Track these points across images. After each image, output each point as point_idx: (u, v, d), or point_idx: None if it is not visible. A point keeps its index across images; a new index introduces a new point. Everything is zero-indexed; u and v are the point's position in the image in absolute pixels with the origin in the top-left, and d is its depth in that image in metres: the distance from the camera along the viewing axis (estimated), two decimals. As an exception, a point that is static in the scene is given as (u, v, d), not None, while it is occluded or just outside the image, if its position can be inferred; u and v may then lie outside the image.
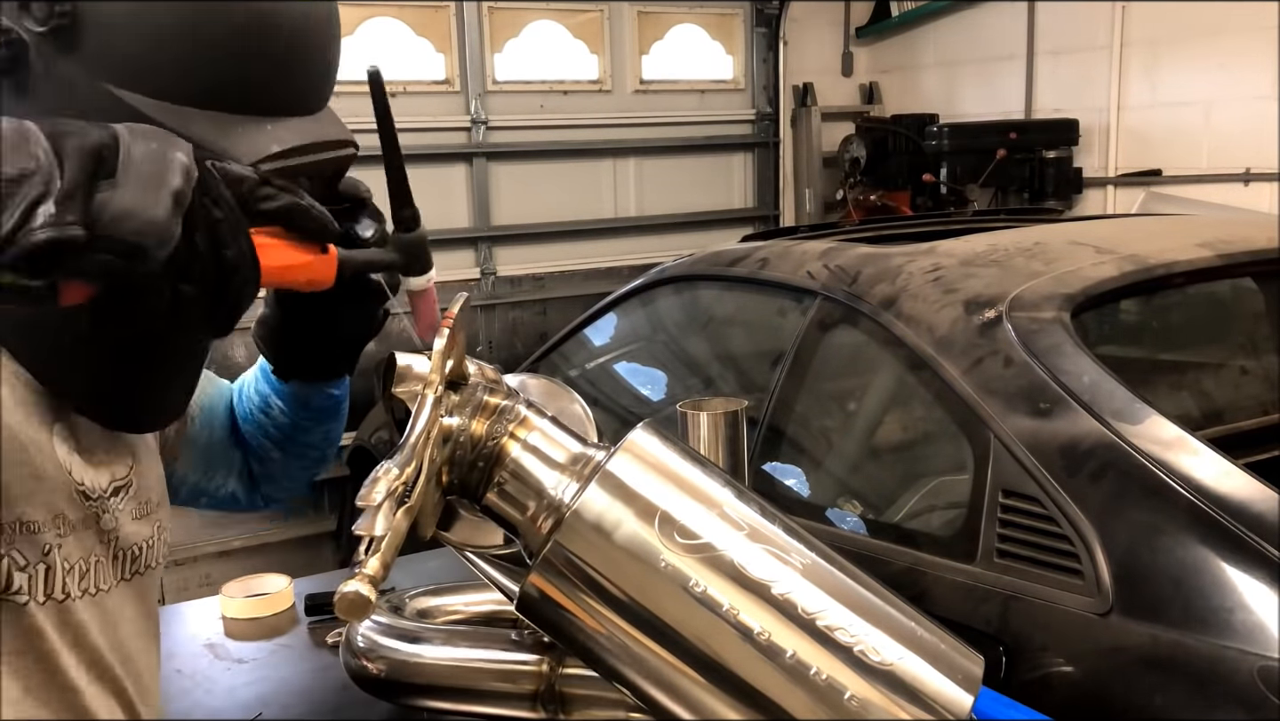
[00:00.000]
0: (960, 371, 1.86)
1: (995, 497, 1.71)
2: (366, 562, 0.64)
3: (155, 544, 0.94)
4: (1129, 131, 5.69)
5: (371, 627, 1.41)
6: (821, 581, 0.70)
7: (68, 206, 0.59)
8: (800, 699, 0.67)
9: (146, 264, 0.61)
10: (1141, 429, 1.64)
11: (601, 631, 0.70)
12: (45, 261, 0.58)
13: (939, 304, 2.00)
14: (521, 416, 0.77)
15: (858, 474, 2.30)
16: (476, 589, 1.52)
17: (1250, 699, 1.38)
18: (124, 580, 0.90)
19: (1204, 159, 5.35)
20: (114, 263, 0.60)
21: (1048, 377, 1.75)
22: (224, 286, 0.66)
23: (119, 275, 0.61)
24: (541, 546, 0.71)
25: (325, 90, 0.89)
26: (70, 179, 0.59)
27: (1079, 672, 1.58)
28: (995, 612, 1.66)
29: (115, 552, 0.88)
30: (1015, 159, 5.65)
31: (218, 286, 0.66)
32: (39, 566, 0.80)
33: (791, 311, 2.41)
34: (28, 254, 0.58)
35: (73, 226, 0.59)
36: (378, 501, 0.66)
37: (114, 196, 0.60)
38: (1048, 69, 6.04)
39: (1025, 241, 2.24)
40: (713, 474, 0.75)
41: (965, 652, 0.72)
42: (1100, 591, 1.54)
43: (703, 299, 2.91)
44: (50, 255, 0.58)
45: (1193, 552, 1.50)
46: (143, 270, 0.61)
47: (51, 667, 0.81)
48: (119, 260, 0.60)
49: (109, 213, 0.60)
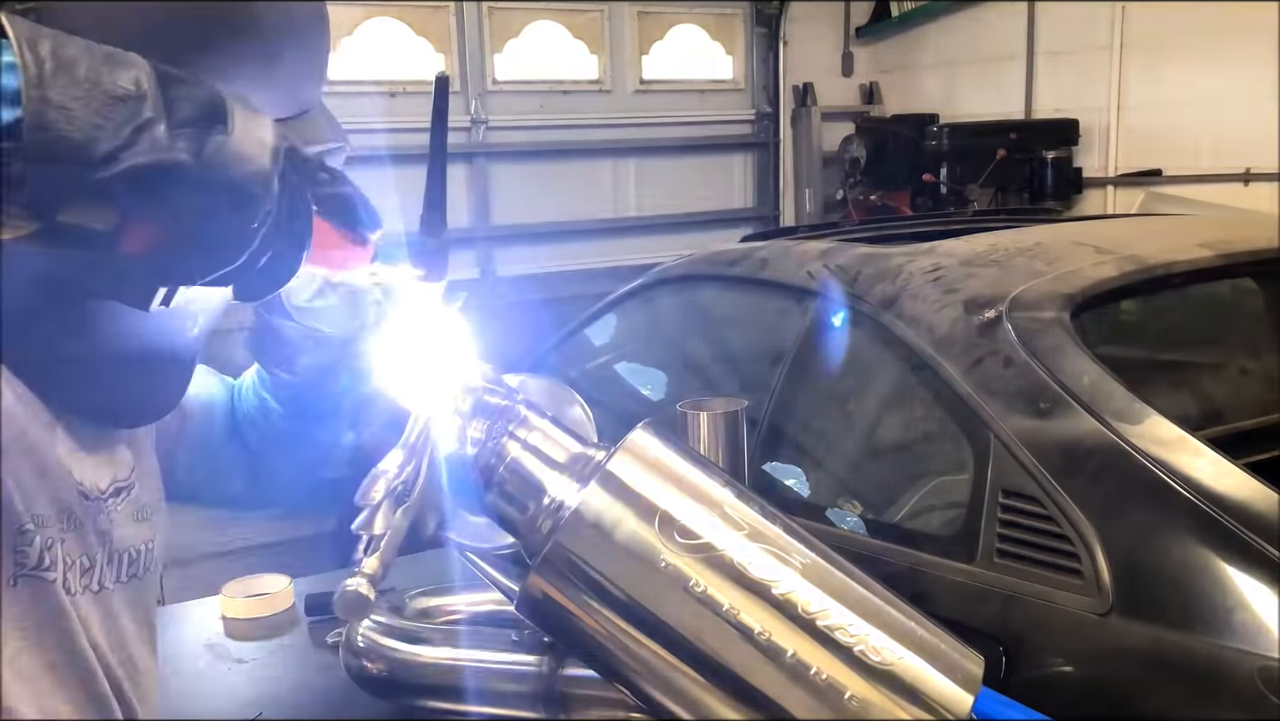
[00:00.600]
0: (960, 371, 1.86)
1: (995, 497, 1.71)
2: (366, 561, 0.64)
3: (153, 547, 0.94)
4: (1129, 131, 5.69)
5: (371, 627, 1.41)
6: (821, 581, 0.70)
7: (180, 135, 0.57)
8: (800, 699, 0.67)
9: (249, 210, 0.60)
10: (1141, 429, 1.64)
11: (601, 631, 0.70)
12: (142, 187, 0.56)
13: (939, 304, 2.00)
14: (521, 416, 0.77)
15: (858, 474, 2.29)
16: (476, 589, 1.52)
17: (1250, 699, 1.38)
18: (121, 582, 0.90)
19: (1204, 159, 5.35)
20: (218, 203, 0.59)
21: (1048, 378, 1.75)
22: (282, 254, 0.66)
23: (212, 218, 0.60)
24: (541, 546, 0.71)
25: (312, 90, 0.88)
26: (185, 114, 0.58)
27: (1079, 672, 1.58)
28: (995, 612, 1.66)
29: (112, 554, 0.88)
30: (1015, 159, 5.66)
31: (279, 252, 0.65)
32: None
33: (791, 311, 2.40)
34: (126, 176, 0.55)
35: (182, 153, 0.57)
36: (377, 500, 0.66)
37: (227, 141, 0.59)
38: (1048, 69, 6.04)
39: (1025, 241, 2.24)
40: (713, 474, 0.75)
41: (965, 652, 0.72)
42: (1100, 591, 1.54)
43: (703, 299, 2.90)
44: (149, 181, 0.56)
45: (1193, 552, 1.50)
46: (239, 218, 0.60)
47: (71, 647, 0.82)
48: (225, 200, 0.59)
49: (222, 155, 0.59)
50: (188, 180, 0.58)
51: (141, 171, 0.56)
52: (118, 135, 0.55)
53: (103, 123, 0.54)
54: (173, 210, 0.59)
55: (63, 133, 0.53)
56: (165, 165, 0.56)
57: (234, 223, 0.61)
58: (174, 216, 0.59)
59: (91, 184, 0.55)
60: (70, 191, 0.55)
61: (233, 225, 0.61)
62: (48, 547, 0.80)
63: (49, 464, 0.82)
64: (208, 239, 0.61)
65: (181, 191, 0.58)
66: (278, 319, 1.00)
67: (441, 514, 0.79)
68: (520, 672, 1.28)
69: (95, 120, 0.54)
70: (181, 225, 0.60)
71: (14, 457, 0.78)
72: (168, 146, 0.56)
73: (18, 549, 0.78)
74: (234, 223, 0.61)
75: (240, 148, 0.60)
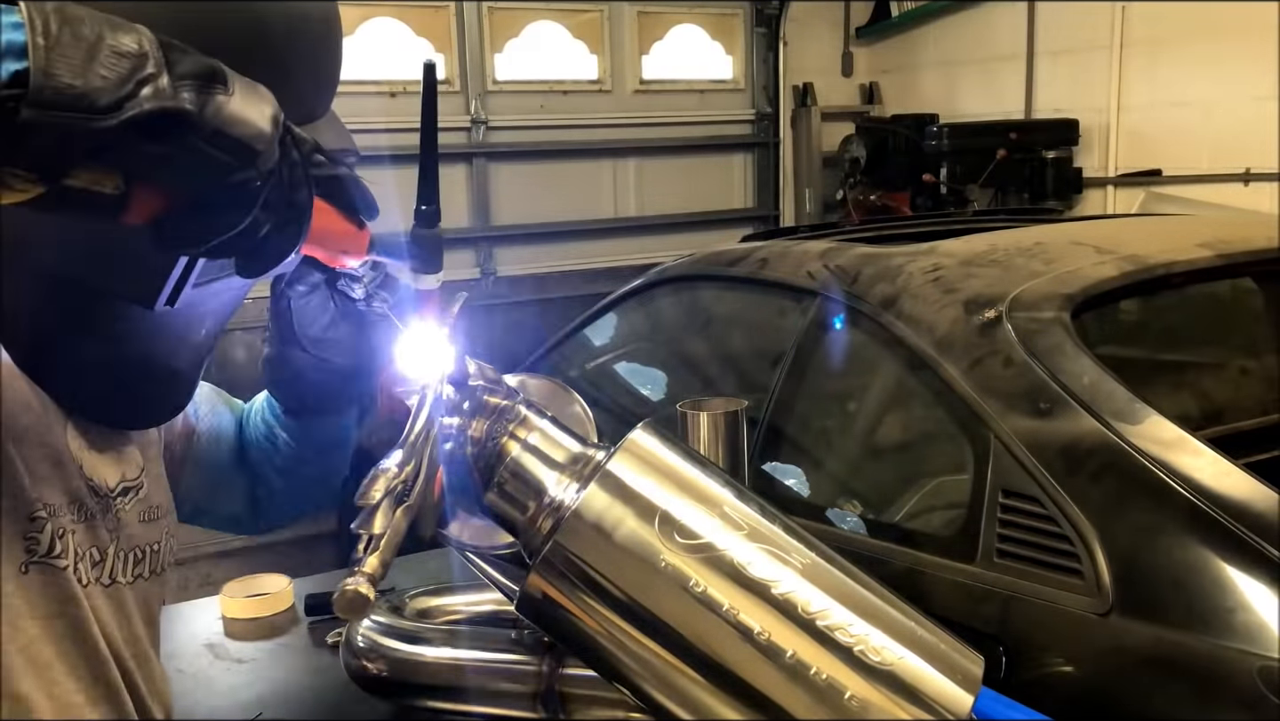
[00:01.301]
0: (960, 371, 1.86)
1: (995, 498, 1.71)
2: (365, 561, 0.64)
3: (161, 550, 0.95)
4: (1129, 131, 5.69)
5: (371, 627, 1.41)
6: (821, 581, 0.70)
7: (183, 87, 0.58)
8: (800, 699, 0.67)
9: (252, 169, 0.61)
10: (1141, 429, 1.64)
11: (601, 631, 0.70)
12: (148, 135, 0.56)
13: (939, 304, 2.00)
14: (522, 416, 0.77)
15: (858, 474, 2.29)
16: (476, 589, 1.52)
17: (1250, 699, 1.38)
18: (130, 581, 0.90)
19: (1204, 159, 5.35)
20: (222, 160, 0.59)
21: (1048, 378, 1.75)
22: (284, 226, 0.66)
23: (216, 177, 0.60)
24: (542, 546, 0.71)
25: (325, 97, 0.88)
26: (186, 70, 0.58)
27: (1079, 672, 1.58)
28: (995, 612, 1.66)
29: (120, 551, 0.89)
30: (1015, 159, 5.65)
31: (281, 224, 0.65)
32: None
33: (791, 311, 2.40)
34: (131, 124, 0.56)
35: (186, 102, 0.58)
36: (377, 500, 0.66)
37: (228, 100, 0.59)
38: (1048, 69, 6.04)
39: (1025, 241, 2.24)
40: (713, 474, 0.75)
41: (965, 652, 0.72)
42: (1100, 591, 1.54)
43: (703, 299, 2.90)
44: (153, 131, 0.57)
45: (1193, 552, 1.50)
46: (241, 178, 0.60)
47: (83, 635, 0.82)
48: (227, 158, 0.59)
49: (224, 113, 0.59)
50: (191, 136, 0.58)
51: (146, 120, 0.56)
52: (122, 87, 0.55)
53: (108, 74, 0.55)
54: (176, 169, 0.59)
55: (68, 83, 0.54)
56: (170, 113, 0.57)
57: (237, 183, 0.61)
58: (177, 176, 0.60)
59: (97, 139, 0.55)
60: (77, 150, 0.56)
61: (235, 186, 0.61)
62: (59, 536, 0.80)
63: (61, 455, 0.83)
64: (211, 201, 0.61)
65: (184, 149, 0.58)
66: (291, 351, 1.01)
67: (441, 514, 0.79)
68: (520, 672, 1.28)
69: (100, 71, 0.55)
70: (184, 184, 0.60)
71: (27, 445, 0.79)
72: (171, 95, 0.57)
73: (28, 535, 0.79)
74: (237, 183, 0.61)
75: (241, 109, 0.60)
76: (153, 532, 0.93)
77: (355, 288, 0.95)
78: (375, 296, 0.93)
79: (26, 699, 0.78)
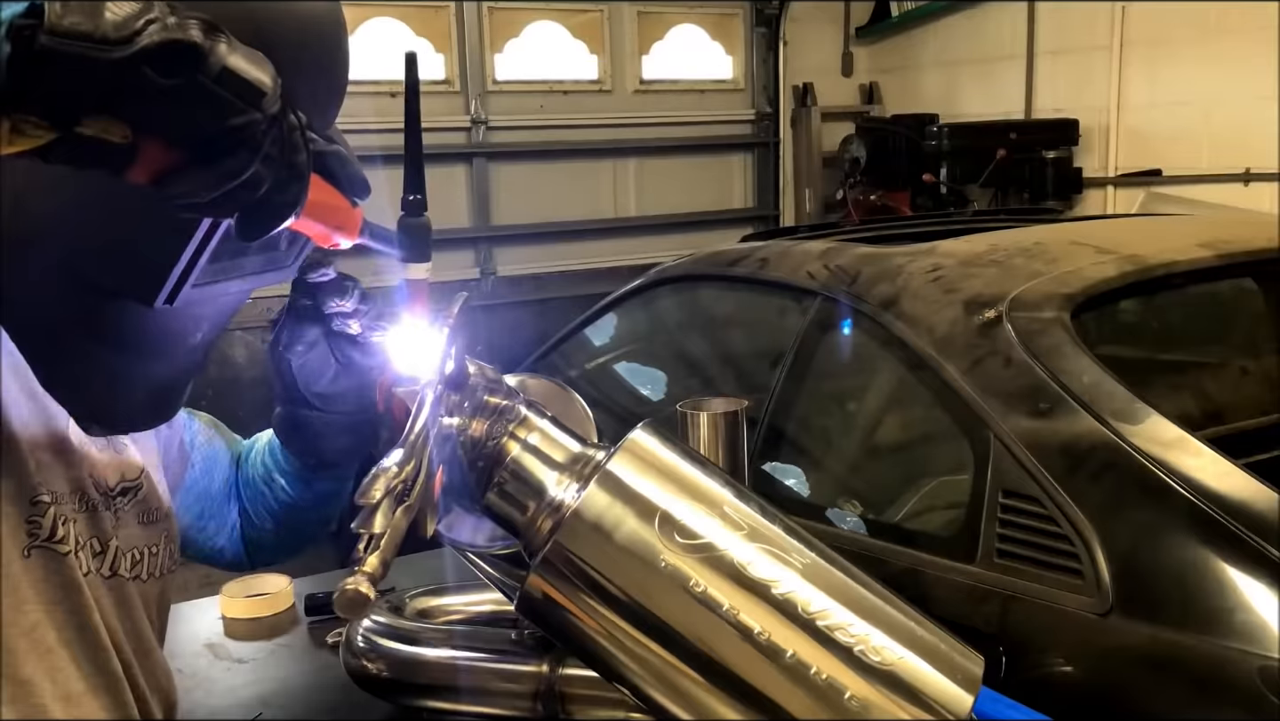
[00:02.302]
0: (960, 371, 1.86)
1: (995, 498, 1.71)
2: (366, 560, 0.64)
3: (160, 553, 0.95)
4: (1129, 131, 5.69)
5: (371, 627, 1.41)
6: (821, 581, 0.70)
7: (190, 21, 0.58)
8: (800, 699, 0.67)
9: (257, 110, 0.61)
10: (1141, 429, 1.64)
11: (602, 631, 0.70)
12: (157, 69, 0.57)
13: (939, 304, 2.00)
14: (521, 416, 0.77)
15: (858, 474, 2.30)
16: (476, 589, 1.52)
17: (1250, 698, 1.38)
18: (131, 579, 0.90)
19: (1204, 159, 5.35)
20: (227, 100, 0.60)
21: (1048, 378, 1.75)
22: (284, 186, 0.66)
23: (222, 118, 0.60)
24: (542, 546, 0.71)
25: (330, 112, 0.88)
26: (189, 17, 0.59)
27: (1079, 672, 1.58)
28: (995, 612, 1.66)
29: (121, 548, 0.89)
30: (1015, 159, 5.65)
31: (282, 182, 0.65)
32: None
33: (791, 311, 2.40)
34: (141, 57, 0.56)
35: (194, 32, 0.58)
36: (377, 499, 0.66)
37: (231, 48, 0.60)
38: (1048, 69, 6.04)
39: (1025, 241, 2.24)
40: (713, 474, 0.75)
41: (965, 652, 0.72)
42: (1100, 591, 1.54)
43: (703, 299, 2.90)
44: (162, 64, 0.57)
45: (1193, 552, 1.50)
46: (245, 120, 0.61)
47: (85, 623, 0.82)
48: (233, 98, 0.60)
49: (228, 58, 0.59)
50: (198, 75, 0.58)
51: (156, 52, 0.57)
52: (129, 25, 0.56)
53: (116, 11, 0.56)
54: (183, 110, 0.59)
55: (77, 21, 0.55)
56: (179, 45, 0.57)
57: (241, 125, 0.61)
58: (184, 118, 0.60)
59: (110, 72, 0.56)
60: (89, 89, 0.57)
61: (239, 130, 0.61)
62: (61, 522, 0.81)
63: (65, 445, 0.84)
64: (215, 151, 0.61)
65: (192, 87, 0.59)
66: (300, 410, 1.04)
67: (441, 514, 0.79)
68: (520, 673, 1.28)
69: (108, 11, 0.56)
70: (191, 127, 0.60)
71: (31, 431, 0.80)
72: (179, 27, 0.58)
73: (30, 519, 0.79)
74: (241, 125, 0.61)
75: (243, 58, 0.61)
76: (151, 535, 0.94)
77: (351, 324, 0.96)
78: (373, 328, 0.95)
79: (30, 683, 0.78)
